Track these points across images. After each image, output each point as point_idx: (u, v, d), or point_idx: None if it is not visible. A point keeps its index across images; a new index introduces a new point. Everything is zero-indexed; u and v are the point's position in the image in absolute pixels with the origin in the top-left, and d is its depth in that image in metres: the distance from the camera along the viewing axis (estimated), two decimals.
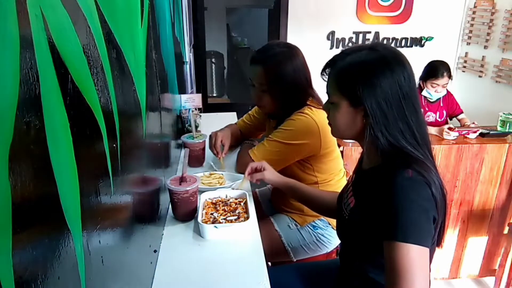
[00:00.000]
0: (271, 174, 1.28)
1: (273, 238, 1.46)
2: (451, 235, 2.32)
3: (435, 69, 2.48)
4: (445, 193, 0.86)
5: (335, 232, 1.46)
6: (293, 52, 1.41)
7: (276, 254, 1.47)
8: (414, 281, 0.77)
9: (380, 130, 0.85)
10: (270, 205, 1.69)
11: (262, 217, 1.51)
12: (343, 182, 1.50)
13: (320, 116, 1.38)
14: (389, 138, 0.85)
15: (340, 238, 1.08)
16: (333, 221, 1.46)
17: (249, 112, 1.76)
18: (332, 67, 0.94)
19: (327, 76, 0.96)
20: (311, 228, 1.46)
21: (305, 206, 1.34)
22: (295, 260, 1.48)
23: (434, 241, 0.89)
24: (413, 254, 0.77)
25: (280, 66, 1.37)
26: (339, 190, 1.20)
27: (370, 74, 0.85)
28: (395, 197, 0.80)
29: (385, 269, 0.81)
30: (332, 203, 1.16)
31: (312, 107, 1.41)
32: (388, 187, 0.82)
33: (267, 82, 1.39)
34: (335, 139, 1.45)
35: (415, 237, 0.78)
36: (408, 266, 0.77)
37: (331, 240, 1.47)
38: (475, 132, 2.22)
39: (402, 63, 0.87)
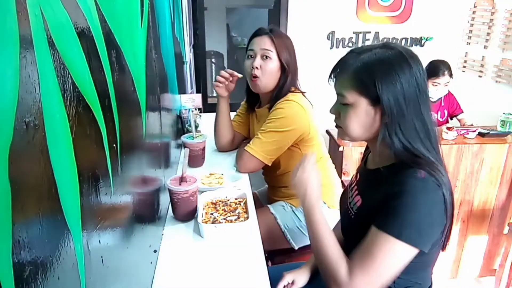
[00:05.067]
0: (303, 277, 1.16)
1: (269, 221, 1.49)
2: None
3: (436, 68, 2.48)
4: (453, 198, 0.87)
5: (331, 211, 1.49)
6: None
7: (274, 240, 1.49)
8: (383, 273, 0.81)
9: (394, 130, 0.85)
10: (268, 200, 1.71)
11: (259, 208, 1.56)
12: (326, 166, 1.59)
13: (302, 99, 1.48)
14: (402, 140, 0.85)
15: (344, 237, 1.08)
16: (329, 200, 1.51)
17: (236, 113, 1.80)
18: (344, 68, 0.91)
19: (334, 78, 0.94)
20: None
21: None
22: (296, 247, 1.48)
23: (440, 244, 0.90)
24: (398, 250, 0.80)
25: (287, 39, 1.52)
26: (323, 172, 1.27)
27: (390, 70, 0.85)
28: (404, 195, 0.80)
29: (360, 246, 0.85)
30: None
31: (294, 92, 1.49)
32: (399, 185, 0.82)
33: (276, 48, 1.47)
34: (317, 123, 1.51)
35: (409, 236, 0.80)
36: (388, 258, 0.80)
37: (328, 220, 1.49)
38: (474, 131, 2.22)
39: (417, 58, 0.88)
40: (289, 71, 1.48)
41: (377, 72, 0.85)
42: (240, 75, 1.61)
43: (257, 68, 1.47)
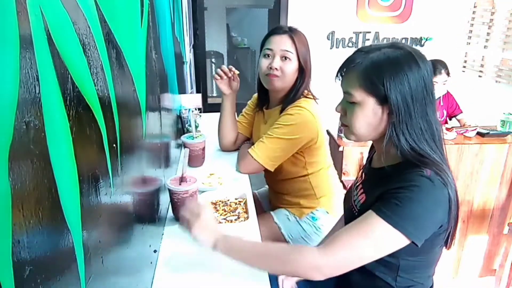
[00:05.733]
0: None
1: (272, 231, 1.47)
2: None
3: (433, 67, 2.48)
4: (458, 198, 0.87)
5: (334, 219, 1.48)
6: None
7: None
8: (366, 254, 0.83)
9: (401, 130, 0.85)
10: (270, 203, 1.70)
11: (262, 213, 1.54)
12: (327, 175, 1.56)
13: (314, 106, 1.44)
14: (408, 139, 0.86)
15: None
16: (332, 210, 1.51)
17: (242, 113, 1.76)
18: (352, 66, 0.90)
19: (341, 77, 0.94)
20: (310, 219, 1.48)
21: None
22: None
23: (442, 244, 0.90)
24: (390, 236, 0.81)
25: (306, 39, 1.46)
26: (325, 181, 1.38)
27: (399, 70, 0.84)
28: (410, 189, 0.81)
29: (352, 224, 0.85)
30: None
31: (307, 97, 1.45)
32: (405, 181, 0.83)
33: (296, 49, 1.42)
34: (324, 131, 1.48)
35: (406, 227, 0.81)
36: (378, 242, 0.82)
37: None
38: (473, 130, 2.23)
39: (425, 59, 0.88)
40: (306, 73, 1.44)
41: (385, 71, 0.85)
42: (237, 72, 1.58)
43: (276, 69, 1.41)
